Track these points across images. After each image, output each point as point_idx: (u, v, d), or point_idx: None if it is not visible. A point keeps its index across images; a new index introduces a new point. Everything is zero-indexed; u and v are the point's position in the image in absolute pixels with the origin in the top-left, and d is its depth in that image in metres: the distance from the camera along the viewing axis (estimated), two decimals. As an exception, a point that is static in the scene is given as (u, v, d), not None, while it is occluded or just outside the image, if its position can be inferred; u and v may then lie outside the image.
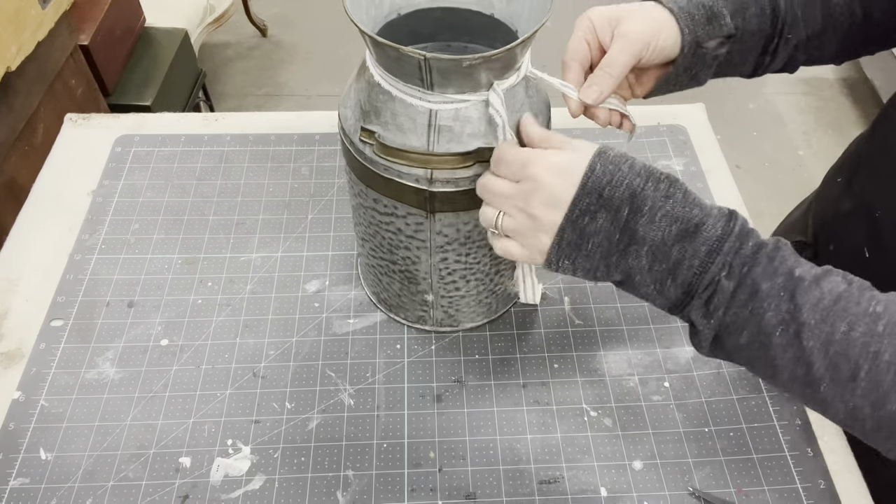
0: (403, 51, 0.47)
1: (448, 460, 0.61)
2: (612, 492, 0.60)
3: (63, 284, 0.72)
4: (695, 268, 0.45)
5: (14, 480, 0.59)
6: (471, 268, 0.62)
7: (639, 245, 0.46)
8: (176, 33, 1.74)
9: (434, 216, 0.57)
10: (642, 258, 0.46)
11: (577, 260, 0.48)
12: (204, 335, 0.69)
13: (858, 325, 0.41)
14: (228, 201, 0.81)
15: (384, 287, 0.68)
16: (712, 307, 0.45)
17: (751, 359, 0.46)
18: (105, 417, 0.63)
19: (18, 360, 0.67)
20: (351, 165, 0.58)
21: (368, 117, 0.54)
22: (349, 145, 0.57)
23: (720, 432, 0.63)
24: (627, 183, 0.46)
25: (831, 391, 0.42)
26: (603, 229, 0.46)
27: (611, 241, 0.47)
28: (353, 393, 0.66)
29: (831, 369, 0.42)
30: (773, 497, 0.59)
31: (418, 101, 0.51)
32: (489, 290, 0.66)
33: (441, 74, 0.49)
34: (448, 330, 0.70)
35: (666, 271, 0.46)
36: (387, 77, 0.52)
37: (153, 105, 1.58)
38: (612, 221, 0.46)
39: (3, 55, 1.11)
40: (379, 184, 0.56)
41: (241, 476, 0.60)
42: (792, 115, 2.32)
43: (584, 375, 0.67)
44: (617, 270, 0.48)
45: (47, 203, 0.80)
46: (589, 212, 0.46)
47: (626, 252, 0.46)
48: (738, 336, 0.45)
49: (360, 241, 0.66)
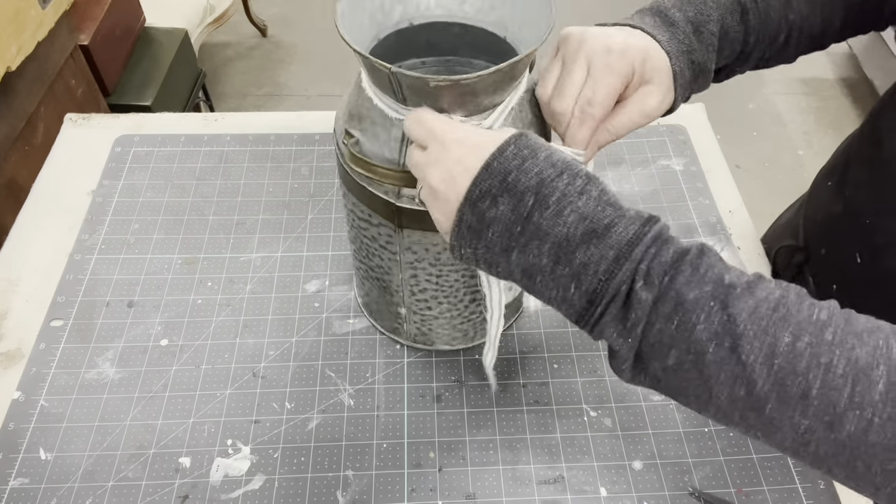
0: (372, 61, 0.45)
1: (448, 460, 0.61)
2: (612, 492, 0.60)
3: (63, 284, 0.72)
4: (600, 273, 0.39)
5: (14, 480, 0.59)
6: (443, 290, 0.61)
7: (541, 241, 0.41)
8: (176, 33, 1.74)
9: (402, 231, 0.55)
10: (543, 256, 0.41)
11: (479, 250, 0.43)
12: (204, 335, 0.69)
13: (803, 334, 0.36)
14: (228, 201, 0.81)
15: (366, 291, 0.68)
16: (629, 323, 0.39)
17: (681, 384, 0.39)
18: (105, 417, 0.63)
19: (18, 360, 0.67)
20: (338, 165, 0.58)
21: (353, 120, 0.53)
22: (336, 146, 0.56)
23: (720, 432, 0.63)
24: (538, 171, 0.41)
25: (778, 412, 0.36)
26: (503, 217, 0.41)
27: (511, 232, 0.41)
28: (353, 393, 0.66)
29: (777, 387, 0.36)
30: (773, 497, 0.59)
31: (394, 114, 0.50)
32: (463, 316, 0.64)
33: (412, 91, 0.47)
34: (422, 347, 0.69)
35: (570, 276, 0.40)
36: (369, 84, 0.51)
37: (153, 105, 1.58)
38: (514, 210, 0.41)
39: (3, 55, 1.11)
40: (355, 189, 0.55)
41: (240, 476, 0.60)
42: (792, 115, 2.32)
43: (584, 375, 0.67)
44: (518, 268, 0.42)
45: (47, 203, 0.80)
46: (490, 195, 0.41)
47: (527, 248, 0.41)
48: (664, 357, 0.39)
49: (349, 242, 0.66)
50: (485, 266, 0.44)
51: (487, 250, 0.43)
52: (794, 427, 0.36)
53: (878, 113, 0.64)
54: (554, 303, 0.42)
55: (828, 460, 0.37)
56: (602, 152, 0.85)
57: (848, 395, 0.35)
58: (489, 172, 0.41)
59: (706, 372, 0.38)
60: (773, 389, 0.36)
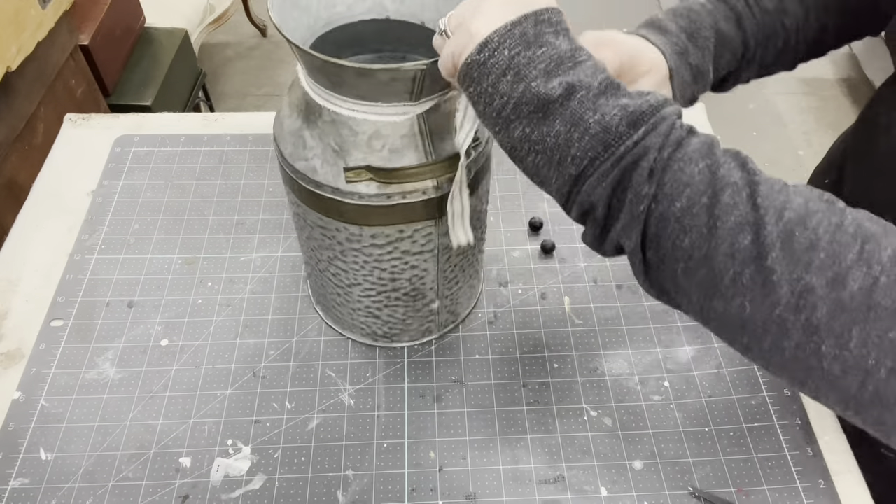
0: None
1: (448, 460, 0.61)
2: (612, 492, 0.60)
3: (63, 284, 0.72)
4: (651, 100, 0.40)
5: (14, 480, 0.59)
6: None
7: (596, 69, 0.41)
8: (176, 33, 1.74)
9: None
10: (595, 79, 0.41)
11: (518, 58, 0.41)
12: (204, 335, 0.69)
13: (814, 201, 0.36)
14: (228, 201, 0.81)
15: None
16: (665, 153, 0.39)
17: (682, 231, 0.38)
18: (105, 417, 0.63)
19: (18, 361, 0.67)
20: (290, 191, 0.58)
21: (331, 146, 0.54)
22: (281, 168, 0.58)
23: (720, 432, 0.63)
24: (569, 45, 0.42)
25: (781, 263, 0.35)
26: (560, 46, 0.41)
27: (562, 59, 0.41)
28: (354, 393, 0.66)
29: (784, 235, 0.35)
30: (773, 497, 0.59)
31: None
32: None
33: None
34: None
35: (616, 105, 0.40)
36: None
37: (153, 105, 1.58)
38: (571, 43, 0.42)
39: (3, 55, 1.11)
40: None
41: (241, 476, 0.60)
42: (792, 115, 2.32)
43: (584, 375, 0.67)
44: (560, 86, 0.40)
45: (47, 203, 0.80)
46: (553, 25, 0.42)
47: (575, 69, 0.41)
48: (677, 196, 0.38)
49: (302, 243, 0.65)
50: (507, 79, 0.41)
51: (529, 62, 0.41)
52: (791, 283, 0.35)
53: (872, 108, 0.65)
54: (581, 128, 0.40)
55: (819, 332, 0.34)
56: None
57: (857, 252, 0.34)
58: (556, 10, 0.43)
59: (714, 215, 0.37)
60: (780, 237, 0.35)
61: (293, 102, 0.54)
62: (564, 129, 0.40)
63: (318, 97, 0.51)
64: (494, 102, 0.42)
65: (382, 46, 0.59)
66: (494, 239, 0.78)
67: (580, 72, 0.41)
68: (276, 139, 0.56)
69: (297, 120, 0.54)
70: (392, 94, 0.49)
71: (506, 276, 0.75)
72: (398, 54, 0.60)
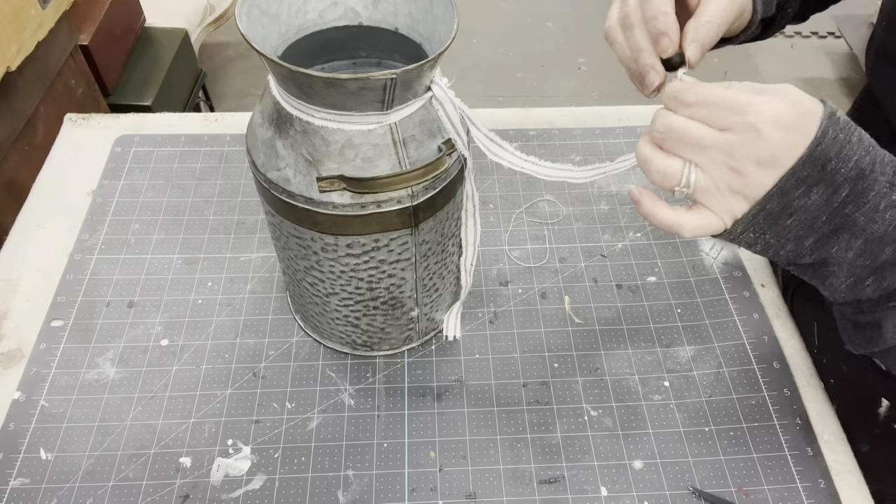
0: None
1: (448, 460, 0.61)
2: (613, 491, 0.60)
3: (63, 284, 0.72)
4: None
5: (14, 480, 0.59)
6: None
7: (851, 234, 0.39)
8: (176, 33, 1.74)
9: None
10: (851, 250, 0.39)
11: (766, 235, 0.41)
12: (204, 335, 0.69)
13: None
14: (228, 201, 0.81)
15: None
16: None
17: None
18: (105, 417, 0.63)
19: (18, 361, 0.67)
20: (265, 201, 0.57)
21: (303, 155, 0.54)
22: (257, 181, 0.57)
23: (720, 432, 0.63)
24: (857, 160, 0.38)
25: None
26: (813, 207, 0.39)
27: (816, 221, 0.39)
28: (354, 393, 0.66)
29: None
30: (773, 496, 0.59)
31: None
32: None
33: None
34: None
35: (871, 269, 0.40)
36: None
37: (153, 105, 1.58)
38: (827, 201, 0.39)
39: (3, 55, 1.11)
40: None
41: (241, 476, 0.60)
42: (792, 114, 2.32)
43: (584, 375, 0.67)
44: (811, 255, 0.41)
45: (47, 203, 0.80)
46: (805, 183, 0.38)
47: (831, 238, 0.40)
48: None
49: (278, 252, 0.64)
50: (760, 248, 0.42)
51: (778, 236, 0.40)
52: None
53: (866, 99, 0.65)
54: (833, 288, 0.41)
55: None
56: (604, 152, 0.85)
57: None
58: (811, 158, 0.38)
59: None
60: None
61: (265, 111, 0.53)
62: (840, 283, 0.41)
63: (289, 106, 0.50)
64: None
65: (356, 53, 0.58)
66: (494, 239, 0.78)
67: (838, 241, 0.40)
68: (248, 149, 0.55)
69: (269, 129, 0.53)
70: (363, 102, 0.48)
71: (506, 275, 0.75)
72: (373, 60, 0.59)
